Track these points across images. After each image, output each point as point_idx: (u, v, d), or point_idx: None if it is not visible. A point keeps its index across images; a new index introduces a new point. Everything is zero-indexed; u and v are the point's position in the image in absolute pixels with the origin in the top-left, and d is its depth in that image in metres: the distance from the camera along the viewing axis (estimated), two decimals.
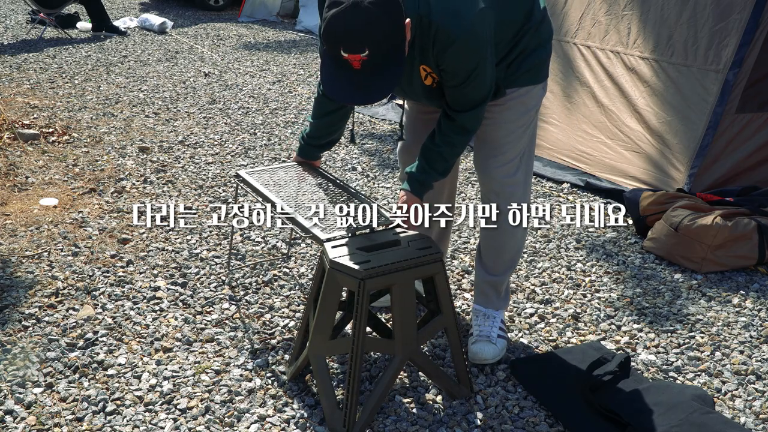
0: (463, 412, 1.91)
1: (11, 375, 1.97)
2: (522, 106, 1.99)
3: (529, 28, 1.90)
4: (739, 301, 2.54)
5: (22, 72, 5.53)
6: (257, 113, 4.75)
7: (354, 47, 1.57)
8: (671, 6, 3.34)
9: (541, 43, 1.96)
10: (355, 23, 1.55)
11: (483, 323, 2.17)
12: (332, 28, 1.58)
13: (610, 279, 2.69)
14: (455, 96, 1.85)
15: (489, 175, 2.04)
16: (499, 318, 2.19)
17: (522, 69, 1.94)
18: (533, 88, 1.99)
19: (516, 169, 2.04)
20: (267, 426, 1.83)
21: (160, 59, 6.30)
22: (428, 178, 1.93)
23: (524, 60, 1.94)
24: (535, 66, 1.96)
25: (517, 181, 2.05)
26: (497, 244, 2.14)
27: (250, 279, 2.55)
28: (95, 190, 3.28)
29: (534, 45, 1.94)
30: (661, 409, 1.88)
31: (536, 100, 2.03)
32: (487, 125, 2.02)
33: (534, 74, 1.98)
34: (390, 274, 1.74)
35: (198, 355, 2.11)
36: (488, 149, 2.03)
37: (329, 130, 2.19)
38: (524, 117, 2.01)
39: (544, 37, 1.97)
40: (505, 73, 1.93)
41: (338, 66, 1.64)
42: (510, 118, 1.99)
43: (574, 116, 3.76)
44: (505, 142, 2.01)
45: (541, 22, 1.94)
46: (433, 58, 1.77)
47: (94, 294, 2.40)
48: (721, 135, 3.16)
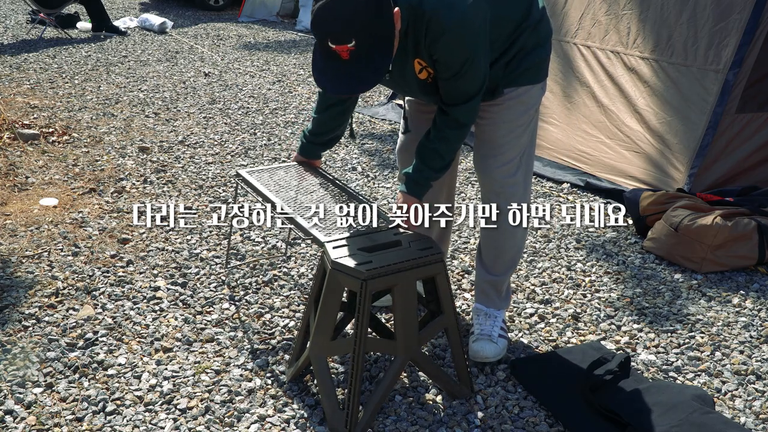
0: (463, 412, 1.91)
1: (11, 375, 1.97)
2: (521, 105, 1.99)
3: (527, 27, 1.90)
4: (739, 301, 2.55)
5: (22, 72, 5.53)
6: (257, 113, 4.75)
7: (341, 38, 1.59)
8: (671, 6, 3.34)
9: (539, 43, 1.96)
10: (342, 14, 1.57)
11: (484, 322, 2.16)
12: (319, 20, 1.60)
13: (610, 279, 2.69)
14: (448, 89, 1.84)
15: (489, 175, 2.04)
16: (500, 317, 2.19)
17: (520, 68, 1.94)
18: (532, 87, 1.99)
19: (516, 169, 2.04)
20: (267, 426, 1.83)
21: (160, 59, 6.30)
22: (424, 177, 1.92)
23: (523, 59, 1.93)
24: (534, 65, 1.96)
25: (517, 181, 2.05)
26: (497, 244, 2.14)
27: (250, 279, 2.55)
28: (95, 190, 3.28)
29: (532, 44, 1.94)
30: (661, 409, 1.88)
31: (535, 99, 2.03)
32: (486, 125, 2.01)
33: (533, 74, 1.98)
34: (392, 275, 1.74)
35: (198, 355, 2.11)
36: (487, 149, 2.03)
37: (331, 125, 2.19)
38: (523, 116, 2.01)
39: (543, 37, 1.97)
40: (503, 73, 1.93)
41: (327, 57, 1.65)
42: (509, 117, 1.99)
43: (574, 116, 3.76)
44: (505, 142, 2.01)
45: (539, 21, 1.94)
46: (425, 49, 1.76)
47: (94, 294, 2.40)
48: (721, 135, 3.16)
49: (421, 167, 1.92)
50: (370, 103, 5.21)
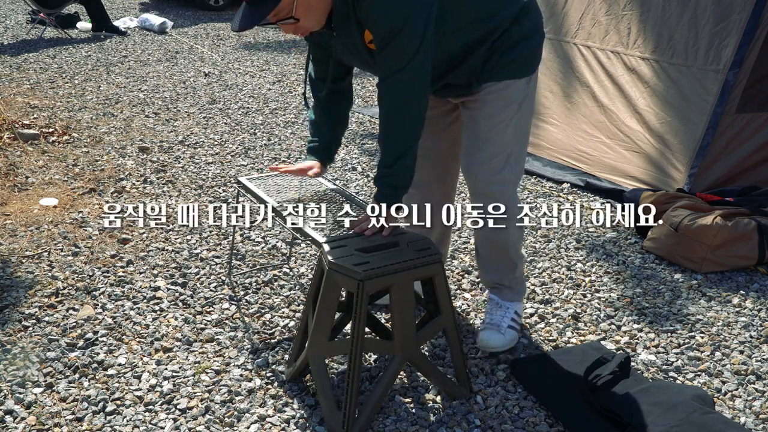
0: (463, 412, 1.91)
1: (11, 375, 1.97)
2: (501, 101, 1.93)
3: (504, 19, 1.85)
4: (739, 301, 2.54)
5: (22, 72, 5.53)
6: (257, 113, 4.75)
7: None
8: (671, 6, 3.34)
9: (524, 36, 1.90)
10: None
11: (495, 312, 2.15)
12: None
13: (610, 279, 2.69)
14: (380, 60, 1.77)
15: (472, 174, 1.99)
16: (513, 309, 2.16)
17: (500, 63, 1.89)
18: (514, 82, 1.93)
19: (502, 167, 1.96)
20: (267, 426, 1.83)
21: (160, 59, 6.31)
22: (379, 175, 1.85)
23: (503, 54, 1.89)
24: (517, 60, 1.91)
25: (503, 179, 1.98)
26: (493, 246, 2.11)
27: (250, 279, 2.56)
28: (95, 190, 3.28)
29: (516, 38, 1.89)
30: (661, 409, 1.88)
31: (518, 94, 1.95)
32: (467, 122, 1.97)
33: (516, 69, 1.92)
34: (389, 276, 1.74)
35: (198, 355, 2.11)
36: (470, 148, 1.98)
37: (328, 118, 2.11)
38: (505, 111, 1.94)
39: (527, 32, 1.91)
40: (481, 68, 1.89)
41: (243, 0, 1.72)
42: (489, 113, 1.94)
43: (574, 116, 3.76)
44: (486, 138, 1.95)
45: (522, 16, 1.89)
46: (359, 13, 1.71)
47: (94, 294, 2.40)
48: (721, 135, 3.16)
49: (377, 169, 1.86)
50: (370, 103, 5.21)
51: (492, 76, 1.91)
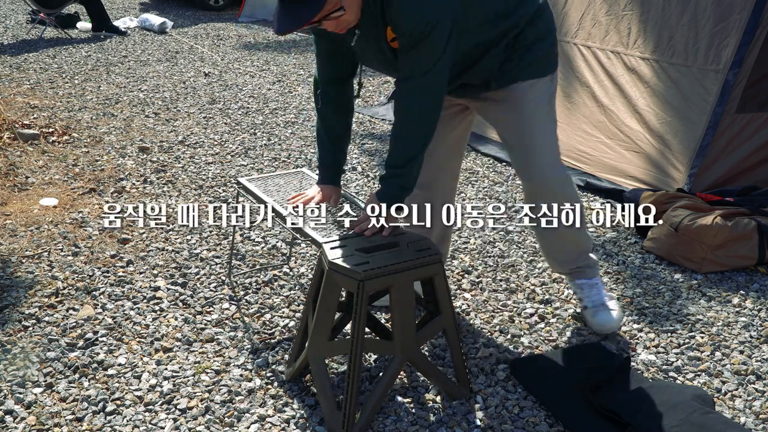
0: (463, 412, 1.91)
1: (11, 375, 1.97)
2: (531, 102, 1.98)
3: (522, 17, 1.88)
4: (739, 301, 2.54)
5: (22, 72, 5.53)
6: (257, 113, 4.75)
7: None
8: (671, 6, 3.35)
9: (539, 37, 1.94)
10: None
11: (589, 292, 2.22)
12: None
13: (610, 279, 2.69)
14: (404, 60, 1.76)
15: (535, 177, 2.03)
16: (600, 281, 2.25)
17: (519, 66, 1.93)
18: (538, 81, 1.98)
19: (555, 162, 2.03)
20: (267, 426, 1.83)
21: (160, 59, 6.31)
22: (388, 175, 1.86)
23: (521, 56, 1.92)
24: (537, 60, 1.95)
25: (563, 176, 2.05)
26: (570, 242, 2.18)
27: (250, 279, 2.56)
28: (95, 190, 3.28)
29: (531, 39, 1.92)
30: (661, 409, 1.88)
31: (543, 91, 2.00)
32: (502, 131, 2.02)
33: (537, 68, 1.96)
34: (389, 276, 1.74)
35: (198, 355, 2.11)
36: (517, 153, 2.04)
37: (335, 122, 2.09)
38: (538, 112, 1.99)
39: (542, 33, 1.95)
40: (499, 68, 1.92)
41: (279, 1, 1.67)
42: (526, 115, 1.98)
43: (574, 116, 3.76)
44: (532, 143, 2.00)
45: (537, 17, 1.92)
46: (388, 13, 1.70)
47: (94, 294, 2.40)
48: (721, 135, 3.16)
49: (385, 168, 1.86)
50: (370, 103, 5.21)
51: (516, 77, 1.94)
